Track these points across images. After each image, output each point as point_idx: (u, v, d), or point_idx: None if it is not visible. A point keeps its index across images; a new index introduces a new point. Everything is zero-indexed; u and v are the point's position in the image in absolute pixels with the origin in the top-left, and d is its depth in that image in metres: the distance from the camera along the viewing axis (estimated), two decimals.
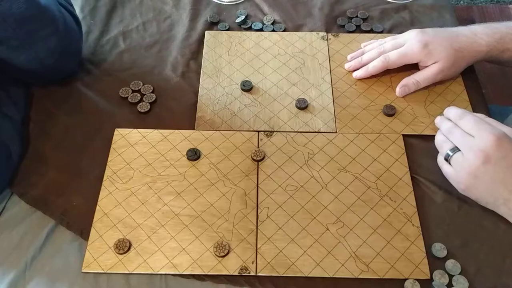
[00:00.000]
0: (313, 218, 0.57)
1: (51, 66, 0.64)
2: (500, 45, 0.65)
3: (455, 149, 0.55)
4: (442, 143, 0.57)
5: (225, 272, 0.53)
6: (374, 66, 0.69)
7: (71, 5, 0.69)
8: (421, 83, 0.68)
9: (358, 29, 0.79)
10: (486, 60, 0.68)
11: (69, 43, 0.66)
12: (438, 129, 0.60)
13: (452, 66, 0.66)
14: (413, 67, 0.69)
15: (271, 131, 0.65)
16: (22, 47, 0.60)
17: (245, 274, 0.53)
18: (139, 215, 0.57)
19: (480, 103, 0.69)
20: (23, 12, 0.56)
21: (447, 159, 0.56)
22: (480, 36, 0.65)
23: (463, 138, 0.55)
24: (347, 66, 0.72)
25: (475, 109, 0.67)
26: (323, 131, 0.65)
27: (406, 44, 0.67)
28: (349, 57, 0.73)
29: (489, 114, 0.67)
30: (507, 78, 0.79)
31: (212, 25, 0.80)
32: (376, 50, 0.70)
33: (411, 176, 0.61)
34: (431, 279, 0.52)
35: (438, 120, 0.61)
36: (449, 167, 0.56)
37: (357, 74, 0.71)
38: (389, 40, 0.70)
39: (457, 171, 0.55)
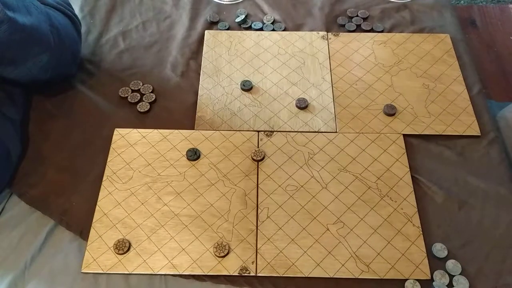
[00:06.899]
0: (313, 218, 0.57)
1: (46, 78, 0.64)
2: None
3: None
4: None
5: (225, 273, 0.53)
6: None
7: (69, 5, 0.69)
8: None
9: (358, 29, 0.79)
10: None
11: (64, 54, 0.65)
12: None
13: None
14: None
15: (271, 131, 0.65)
16: (12, 64, 0.59)
17: (245, 274, 0.53)
18: (139, 215, 0.57)
19: (480, 103, 0.69)
20: (8, 36, 0.54)
21: None
22: None
23: None
24: None
25: (475, 109, 0.67)
26: (323, 131, 0.65)
27: None
28: None
29: (489, 112, 0.67)
30: (507, 78, 0.78)
31: (212, 24, 0.80)
32: None
33: (412, 176, 0.60)
34: (432, 279, 0.52)
35: None
36: None
37: None
38: None
39: None
